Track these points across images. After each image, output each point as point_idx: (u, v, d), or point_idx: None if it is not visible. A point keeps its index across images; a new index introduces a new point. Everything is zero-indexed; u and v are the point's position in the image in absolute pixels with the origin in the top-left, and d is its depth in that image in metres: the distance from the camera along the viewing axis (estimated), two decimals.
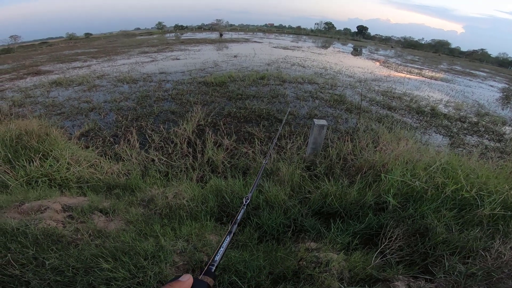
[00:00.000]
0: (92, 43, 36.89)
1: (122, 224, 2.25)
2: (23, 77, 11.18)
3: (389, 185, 2.65)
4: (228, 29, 66.12)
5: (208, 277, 0.57)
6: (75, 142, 4.17)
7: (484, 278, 1.67)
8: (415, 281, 1.74)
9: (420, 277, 1.79)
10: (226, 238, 0.74)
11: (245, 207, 0.93)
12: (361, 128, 4.94)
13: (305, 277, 1.72)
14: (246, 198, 0.98)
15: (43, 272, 1.52)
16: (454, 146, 5.29)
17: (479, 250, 1.88)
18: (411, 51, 52.95)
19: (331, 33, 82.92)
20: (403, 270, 1.83)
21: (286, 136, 4.72)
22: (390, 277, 1.76)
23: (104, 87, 8.57)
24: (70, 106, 6.63)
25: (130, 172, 3.46)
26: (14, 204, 2.19)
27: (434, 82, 13.62)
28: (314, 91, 8.22)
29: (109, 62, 14.53)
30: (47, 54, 22.97)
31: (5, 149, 3.29)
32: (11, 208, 2.15)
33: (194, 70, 11.13)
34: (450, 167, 2.84)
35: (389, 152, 3.40)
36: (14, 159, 3.08)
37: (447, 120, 6.96)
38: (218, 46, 24.14)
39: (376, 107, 7.39)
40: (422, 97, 9.18)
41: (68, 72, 11.82)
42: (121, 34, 61.38)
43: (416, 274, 1.84)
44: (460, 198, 2.43)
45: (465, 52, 68.85)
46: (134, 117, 5.74)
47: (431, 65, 25.62)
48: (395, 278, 1.75)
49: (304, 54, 20.00)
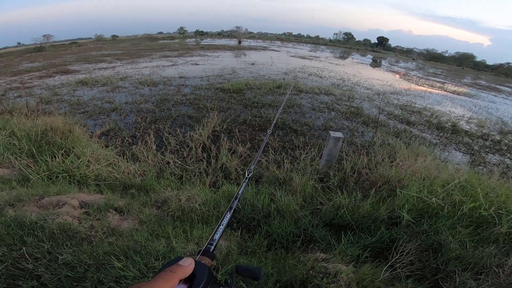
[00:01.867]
0: (118, 45, 38.51)
1: (136, 223, 2.31)
2: (52, 75, 11.81)
3: (404, 201, 2.62)
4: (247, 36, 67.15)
5: (206, 257, 0.54)
6: (96, 141, 4.33)
7: None
8: None
9: None
10: (226, 215, 0.69)
11: (247, 180, 0.88)
12: (378, 142, 4.85)
13: (312, 287, 1.71)
14: (248, 171, 0.93)
15: (55, 267, 1.57)
16: (474, 164, 5.09)
17: (493, 267, 1.84)
18: (434, 64, 51.68)
19: (350, 44, 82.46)
20: (412, 285, 1.81)
21: (300, 146, 4.70)
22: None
23: (126, 88, 8.89)
24: (93, 105, 6.91)
25: (146, 173, 3.54)
26: (34, 198, 2.29)
27: (456, 97, 13.19)
28: (330, 103, 8.16)
29: (132, 65, 15.09)
30: (76, 54, 24.17)
31: (30, 143, 3.47)
32: (31, 201, 2.25)
33: (212, 76, 11.35)
34: (469, 185, 2.78)
35: (406, 167, 3.33)
36: (37, 154, 3.23)
37: (469, 137, 6.70)
38: (236, 53, 24.55)
39: (394, 121, 7.23)
40: (443, 112, 8.89)
41: (94, 72, 12.37)
42: (145, 38, 63.67)
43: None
44: (478, 216, 2.39)
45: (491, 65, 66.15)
46: (152, 120, 5.90)
47: (454, 79, 24.86)
48: None
49: (322, 64, 19.94)
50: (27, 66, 15.96)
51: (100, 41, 54.94)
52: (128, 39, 59.16)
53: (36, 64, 16.69)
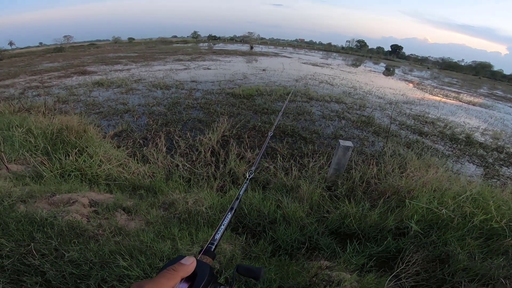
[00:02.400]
0: (133, 47, 39.58)
1: (142, 224, 2.34)
2: (70, 75, 12.23)
3: (413, 211, 2.59)
4: (259, 42, 67.75)
5: (207, 256, 0.55)
6: (108, 141, 4.44)
7: None
8: None
9: None
10: (227, 215, 0.69)
11: (248, 181, 0.88)
12: (388, 152, 4.76)
13: None
14: (249, 172, 0.93)
15: (60, 264, 1.59)
16: (487, 177, 4.94)
17: (500, 278, 1.83)
18: (449, 73, 50.68)
19: (363, 51, 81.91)
20: None
21: (309, 154, 4.68)
22: None
23: (139, 91, 9.10)
24: (108, 106, 7.11)
25: (155, 174, 3.60)
26: (46, 195, 2.36)
27: (472, 108, 12.86)
28: (341, 111, 8.10)
29: (146, 67, 15.45)
30: (94, 55, 24.98)
31: (45, 141, 3.59)
32: (43, 198, 2.32)
33: (223, 81, 11.47)
34: (481, 197, 2.74)
35: (417, 178, 3.28)
36: (52, 152, 3.34)
37: (483, 149, 6.50)
38: (248, 58, 24.78)
39: (406, 131, 7.10)
40: (457, 123, 8.68)
41: (110, 74, 12.73)
42: (160, 41, 65.29)
43: None
44: (488, 228, 2.37)
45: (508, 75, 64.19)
46: (163, 122, 6.00)
47: (470, 88, 24.27)
48: None
49: (333, 72, 19.86)
50: (46, 66, 16.61)
51: (117, 43, 56.72)
52: (144, 42, 60.83)
53: (56, 64, 17.34)
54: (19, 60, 23.57)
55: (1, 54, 32.69)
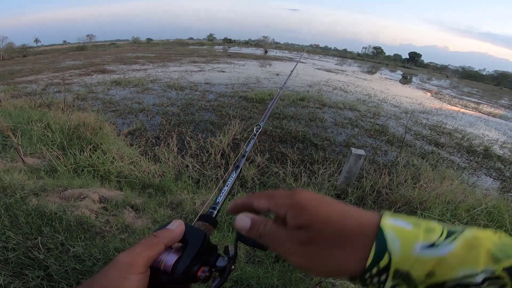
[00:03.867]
0: (151, 48, 40.53)
1: (149, 222, 2.37)
2: (90, 73, 12.67)
3: None
4: (273, 47, 67.96)
5: (206, 223, 0.44)
6: (122, 139, 4.55)
7: None
8: None
9: None
10: (232, 174, 0.57)
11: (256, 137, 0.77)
12: (401, 162, 4.64)
13: None
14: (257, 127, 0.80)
15: (64, 259, 1.61)
16: (504, 191, 4.74)
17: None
18: (469, 82, 49.07)
19: (379, 59, 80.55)
20: None
21: (319, 161, 4.62)
22: None
23: (155, 91, 9.30)
24: (124, 105, 7.30)
25: (165, 174, 3.65)
26: (58, 189, 2.43)
27: (491, 119, 12.38)
28: (354, 119, 7.97)
29: (162, 68, 15.78)
30: (113, 55, 25.76)
31: (62, 136, 3.71)
32: (55, 192, 2.38)
33: (236, 84, 11.54)
34: (497, 211, 2.68)
35: (430, 190, 3.18)
36: (68, 147, 3.45)
37: (501, 162, 6.25)
38: (262, 62, 24.85)
39: (421, 141, 6.91)
40: (475, 135, 8.38)
41: (127, 73, 13.09)
42: (176, 42, 66.62)
43: None
44: None
45: None
46: (176, 123, 6.09)
47: (491, 99, 23.39)
48: None
49: (348, 79, 19.61)
50: (69, 64, 17.29)
51: (136, 44, 58.33)
52: (161, 43, 62.24)
53: (77, 62, 18.02)
54: (44, 57, 24.68)
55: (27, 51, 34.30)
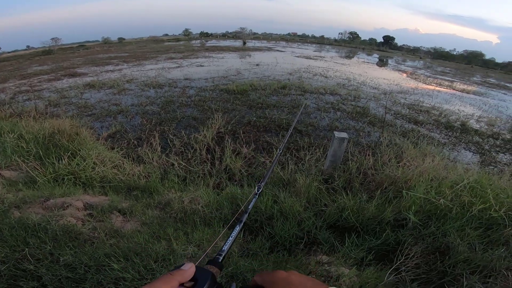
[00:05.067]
0: (124, 47, 38.97)
1: (138, 225, 2.31)
2: (60, 78, 12.05)
3: (411, 202, 2.55)
4: (252, 38, 67.23)
5: (214, 266, 0.54)
6: (102, 143, 4.38)
7: None
8: None
9: None
10: (235, 228, 0.69)
11: (257, 196, 0.86)
12: (384, 142, 4.76)
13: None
14: (257, 187, 0.90)
15: (56, 268, 1.57)
16: (484, 164, 4.98)
17: (502, 270, 1.80)
18: (442, 62, 50.74)
19: (355, 43, 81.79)
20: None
21: (305, 147, 4.66)
22: None
23: (132, 91, 9.00)
24: (100, 108, 7.02)
25: (150, 174, 3.56)
26: (40, 200, 2.32)
27: (465, 96, 12.93)
28: (336, 103, 8.09)
29: (138, 67, 15.25)
30: (84, 57, 24.57)
31: (37, 146, 3.53)
32: (36, 203, 2.28)
33: (217, 78, 11.38)
34: (479, 185, 2.70)
35: (413, 168, 3.26)
36: (44, 156, 3.28)
37: (478, 136, 6.55)
38: (241, 54, 24.58)
39: (401, 120, 7.12)
40: (452, 111, 8.74)
41: (101, 75, 12.56)
42: (151, 40, 64.48)
43: None
44: (487, 218, 2.33)
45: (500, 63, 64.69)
46: (158, 122, 5.94)
47: (463, 77, 24.34)
48: None
49: (327, 64, 19.80)
50: (36, 69, 16.31)
51: (107, 44, 55.81)
52: (134, 42, 59.95)
53: (45, 67, 17.04)
54: (8, 64, 23.09)
55: None
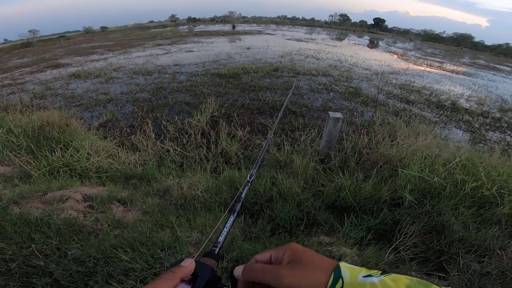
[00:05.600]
0: (108, 36, 37.50)
1: (139, 214, 2.31)
2: (43, 70, 11.56)
3: (406, 181, 2.58)
4: (241, 21, 65.52)
5: (211, 259, 0.54)
6: (94, 133, 4.30)
7: (498, 277, 1.64)
8: (428, 278, 1.71)
9: (434, 275, 1.77)
10: (230, 218, 0.68)
11: (250, 184, 0.85)
12: (377, 121, 4.80)
13: None
14: (250, 175, 0.91)
15: (65, 263, 1.57)
16: (475, 142, 5.09)
17: (496, 249, 1.84)
18: (432, 44, 50.71)
19: (346, 25, 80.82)
20: (417, 267, 1.81)
21: (299, 128, 4.67)
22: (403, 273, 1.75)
23: (120, 79, 8.74)
24: (88, 97, 6.82)
25: (146, 162, 3.53)
26: (37, 194, 2.28)
27: (455, 76, 13.04)
28: (328, 84, 8.06)
29: (124, 55, 14.75)
30: (65, 47, 23.56)
31: (28, 139, 3.43)
32: (35, 198, 2.24)
33: (207, 62, 11.14)
34: (471, 163, 2.74)
35: (407, 146, 3.30)
36: (36, 150, 3.20)
37: (469, 115, 6.67)
38: (231, 38, 23.99)
39: (393, 100, 7.18)
40: (442, 91, 8.82)
41: (86, 65, 12.12)
42: (136, 27, 62.16)
43: (430, 271, 1.81)
44: (480, 196, 2.36)
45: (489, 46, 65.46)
46: (149, 108, 5.83)
47: (453, 58, 24.46)
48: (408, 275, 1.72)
49: (318, 46, 19.54)
50: (16, 62, 15.60)
51: (89, 33, 53.46)
52: (119, 30, 57.60)
53: (26, 60, 16.31)
54: None
55: None
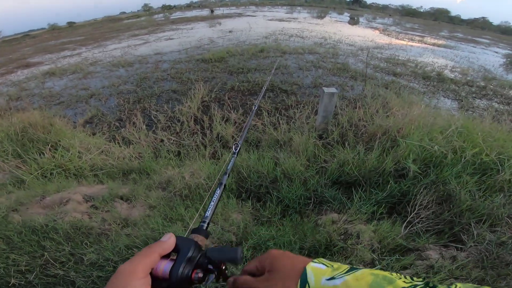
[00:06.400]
0: (77, 31, 35.33)
1: (146, 209, 2.22)
2: (13, 71, 10.80)
3: (407, 151, 2.56)
4: (219, 5, 63.27)
5: (199, 235, 0.50)
6: (81, 130, 4.09)
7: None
8: (446, 250, 1.70)
9: (451, 246, 1.75)
10: (216, 191, 0.64)
11: (236, 155, 0.82)
12: (369, 94, 4.79)
13: (338, 250, 1.67)
14: (235, 145, 0.86)
15: (84, 269, 1.49)
16: (463, 109, 5.20)
17: (504, 217, 1.85)
18: (410, 19, 50.69)
19: (326, 3, 79.53)
20: (433, 239, 1.78)
21: (293, 106, 4.63)
22: (421, 246, 1.73)
23: (99, 73, 8.31)
24: (68, 94, 6.47)
25: (142, 154, 3.40)
26: (35, 199, 2.15)
27: (437, 49, 13.18)
28: (316, 61, 7.98)
29: (99, 48, 13.98)
30: (33, 46, 22.07)
31: (12, 143, 3.22)
32: (33, 203, 2.11)
33: (190, 48, 10.73)
34: (466, 130, 2.76)
35: (403, 116, 3.29)
36: (24, 153, 3.01)
37: (455, 84, 6.81)
38: (211, 22, 23.11)
39: (381, 73, 7.20)
40: (426, 63, 8.93)
41: (58, 61, 11.44)
42: (107, 20, 58.82)
43: (446, 243, 1.79)
44: (480, 163, 2.36)
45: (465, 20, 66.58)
46: (136, 100, 5.60)
47: (432, 32, 24.55)
48: (426, 247, 1.71)
49: (301, 25, 19.18)
50: None
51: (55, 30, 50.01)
52: (88, 24, 54.21)
53: None
54: None
55: None
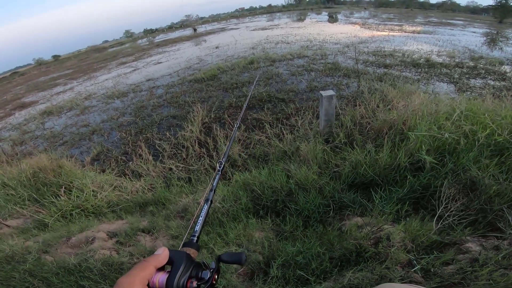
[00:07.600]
0: (64, 64, 35.80)
1: (169, 239, 2.24)
2: (10, 113, 10.92)
3: (418, 143, 2.50)
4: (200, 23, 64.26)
5: (190, 248, 0.55)
6: (90, 169, 4.12)
7: None
8: (486, 240, 1.62)
9: (490, 235, 1.66)
10: (204, 206, 0.70)
11: (220, 172, 0.86)
12: (365, 90, 4.84)
13: (370, 255, 1.62)
14: (219, 163, 0.91)
15: None
16: (461, 91, 5.26)
17: None
18: (384, 9, 51.76)
19: (303, 5, 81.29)
20: (468, 231, 1.70)
21: (293, 113, 4.68)
22: (458, 239, 1.65)
23: (96, 106, 8.39)
24: (70, 133, 6.51)
25: (154, 186, 3.43)
26: (62, 240, 2.19)
27: (418, 36, 13.48)
28: (306, 64, 8.12)
29: (90, 81, 14.14)
30: (24, 84, 22.36)
31: (26, 189, 3.26)
32: (61, 244, 2.15)
33: (180, 70, 10.86)
34: (471, 113, 2.69)
35: (404, 108, 3.24)
36: (40, 198, 3.05)
37: (445, 68, 6.92)
38: (196, 41, 23.50)
39: (372, 67, 7.33)
40: (412, 51, 9.11)
41: (53, 99, 11.57)
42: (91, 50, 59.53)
43: (484, 233, 1.70)
44: (494, 144, 2.29)
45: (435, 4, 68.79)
46: (137, 131, 5.64)
47: (408, 20, 25.23)
48: (464, 240, 1.63)
49: (284, 31, 19.53)
50: None
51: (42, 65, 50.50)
52: (73, 56, 54.95)
53: None
54: None
55: None
